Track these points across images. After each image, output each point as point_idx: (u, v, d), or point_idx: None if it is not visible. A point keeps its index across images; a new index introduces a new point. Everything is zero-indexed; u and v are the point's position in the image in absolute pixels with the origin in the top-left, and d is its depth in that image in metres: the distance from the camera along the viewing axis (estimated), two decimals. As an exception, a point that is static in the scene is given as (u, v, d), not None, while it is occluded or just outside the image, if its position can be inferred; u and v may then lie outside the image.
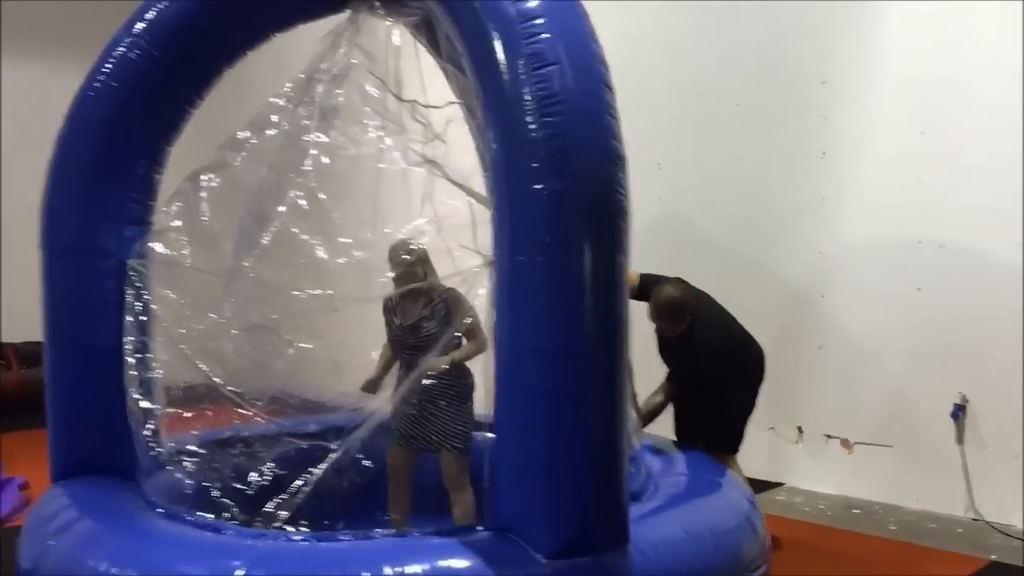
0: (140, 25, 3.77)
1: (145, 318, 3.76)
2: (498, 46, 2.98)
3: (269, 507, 3.27)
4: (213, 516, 3.32)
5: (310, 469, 3.35)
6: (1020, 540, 4.75)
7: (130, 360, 3.72)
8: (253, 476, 3.53)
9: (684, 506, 3.47)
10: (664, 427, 4.60)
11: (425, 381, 3.87)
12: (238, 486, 3.48)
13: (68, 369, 3.88)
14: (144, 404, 3.64)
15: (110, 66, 3.79)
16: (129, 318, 3.76)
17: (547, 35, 2.95)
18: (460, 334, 3.93)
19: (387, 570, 2.81)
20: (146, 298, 3.74)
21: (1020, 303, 4.88)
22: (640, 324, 3.86)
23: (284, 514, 3.24)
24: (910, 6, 5.24)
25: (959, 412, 5.13)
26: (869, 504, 5.38)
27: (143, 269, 3.78)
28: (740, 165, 5.88)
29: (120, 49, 3.79)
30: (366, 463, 3.57)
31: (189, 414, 3.70)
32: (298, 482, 3.33)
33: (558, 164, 2.87)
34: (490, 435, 3.10)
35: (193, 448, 3.67)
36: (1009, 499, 4.97)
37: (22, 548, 3.52)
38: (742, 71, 5.82)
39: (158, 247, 3.80)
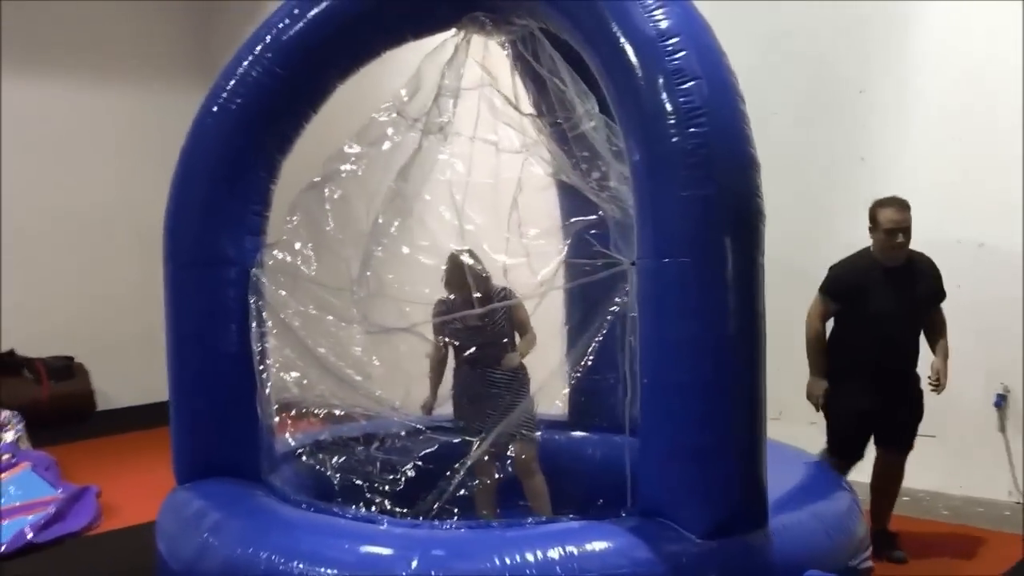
0: (263, 45, 3.96)
1: (269, 323, 3.93)
2: (641, 64, 3.21)
3: (426, 499, 3.45)
4: (362, 509, 3.50)
5: (460, 462, 3.53)
6: (1068, 520, 5.06)
7: (260, 364, 3.89)
8: (400, 470, 3.70)
9: (800, 491, 3.71)
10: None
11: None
12: (385, 480, 3.65)
13: (192, 375, 4.04)
14: (275, 406, 3.81)
15: (233, 83, 3.97)
16: (255, 324, 3.93)
17: (685, 52, 3.18)
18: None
19: (555, 553, 3.02)
20: (269, 304, 3.91)
21: (1061, 297, 5.21)
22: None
23: (438, 505, 3.43)
24: (942, 21, 5.56)
25: (1001, 401, 5.44)
26: (915, 492, 5.65)
27: (265, 278, 3.96)
28: (781, 170, 6.13)
29: (243, 67, 3.97)
30: (508, 457, 3.77)
31: (320, 412, 3.85)
32: (449, 474, 3.51)
33: (705, 171, 3.10)
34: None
35: (332, 445, 3.84)
36: (1053, 482, 5.29)
37: (167, 547, 3.67)
38: (783, 81, 6.10)
39: (281, 256, 3.97)
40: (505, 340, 4.03)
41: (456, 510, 3.51)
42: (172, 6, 9.65)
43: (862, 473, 4.84)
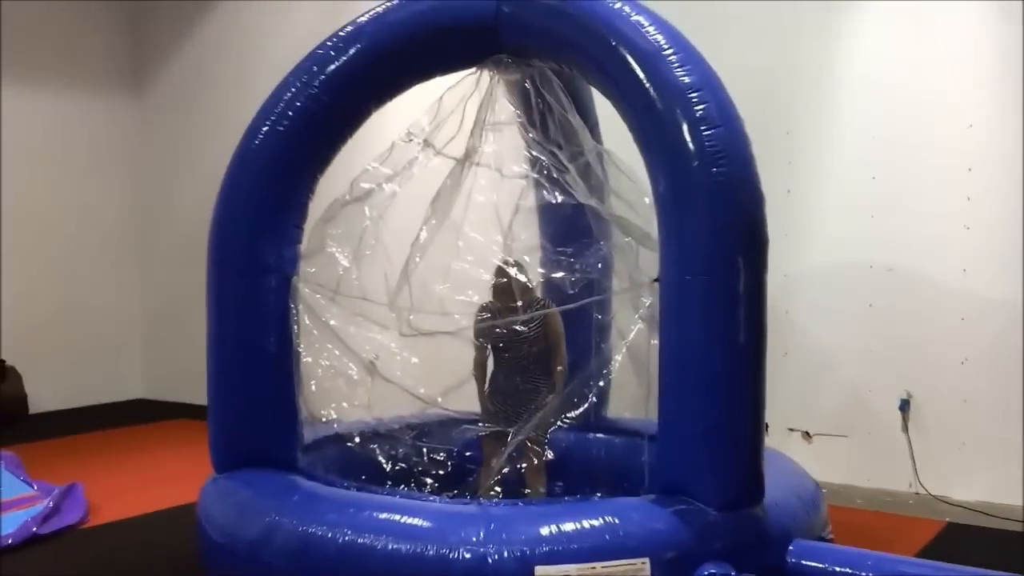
0: (309, 75, 4.37)
1: (310, 325, 4.33)
2: (670, 112, 3.81)
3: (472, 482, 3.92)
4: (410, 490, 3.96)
5: (502, 449, 4.03)
6: (961, 507, 5.92)
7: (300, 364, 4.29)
8: (445, 459, 4.16)
9: (778, 477, 4.36)
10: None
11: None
12: (432, 466, 4.11)
13: (233, 373, 4.39)
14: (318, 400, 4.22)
15: (281, 107, 4.36)
16: (296, 327, 4.32)
17: (708, 103, 3.80)
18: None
19: (598, 522, 3.57)
20: (311, 309, 4.31)
21: (957, 316, 6.08)
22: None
23: (491, 485, 3.92)
24: (863, 72, 6.40)
25: (905, 406, 6.30)
26: (829, 484, 6.44)
27: (305, 285, 4.36)
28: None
29: (290, 93, 4.37)
30: (539, 447, 4.29)
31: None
32: (496, 460, 4.00)
33: (724, 204, 3.73)
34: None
35: (378, 435, 4.27)
36: (948, 476, 6.15)
37: (224, 530, 4.02)
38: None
39: (321, 268, 4.38)
40: (541, 346, 4.52)
41: (500, 491, 4.00)
42: (100, 13, 9.72)
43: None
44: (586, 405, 4.18)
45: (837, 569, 3.73)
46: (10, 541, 5.00)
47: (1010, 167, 5.86)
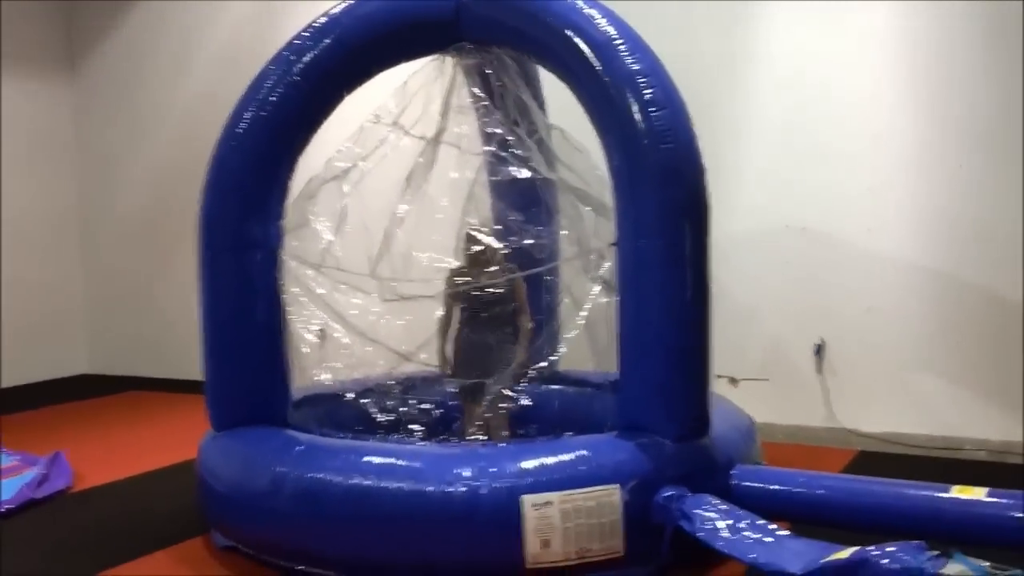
0: (287, 64, 4.73)
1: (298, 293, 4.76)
2: (622, 96, 4.31)
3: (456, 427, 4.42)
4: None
5: (479, 397, 4.53)
6: (870, 438, 6.67)
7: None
8: (429, 409, 4.66)
9: (717, 412, 4.96)
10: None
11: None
12: (422, 412, 4.60)
13: (227, 341, 4.78)
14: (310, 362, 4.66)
15: (262, 95, 4.72)
16: (284, 297, 4.73)
17: (655, 88, 4.31)
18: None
19: (572, 456, 4.11)
20: (298, 279, 4.73)
21: (863, 271, 6.79)
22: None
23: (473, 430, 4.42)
24: (775, 54, 7.02)
25: (819, 351, 7.01)
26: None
27: (290, 258, 4.77)
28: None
29: (270, 82, 4.73)
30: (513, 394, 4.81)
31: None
32: (477, 408, 4.50)
33: (673, 177, 4.26)
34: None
35: (367, 391, 4.73)
36: (858, 411, 6.88)
37: (231, 480, 4.44)
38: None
39: (306, 242, 4.79)
40: (509, 305, 5.01)
41: (481, 435, 4.50)
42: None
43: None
44: (554, 357, 4.68)
45: (773, 487, 4.36)
46: (11, 506, 5.31)
47: (908, 136, 6.58)
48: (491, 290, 4.86)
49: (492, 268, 4.95)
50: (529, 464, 4.04)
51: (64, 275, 10.12)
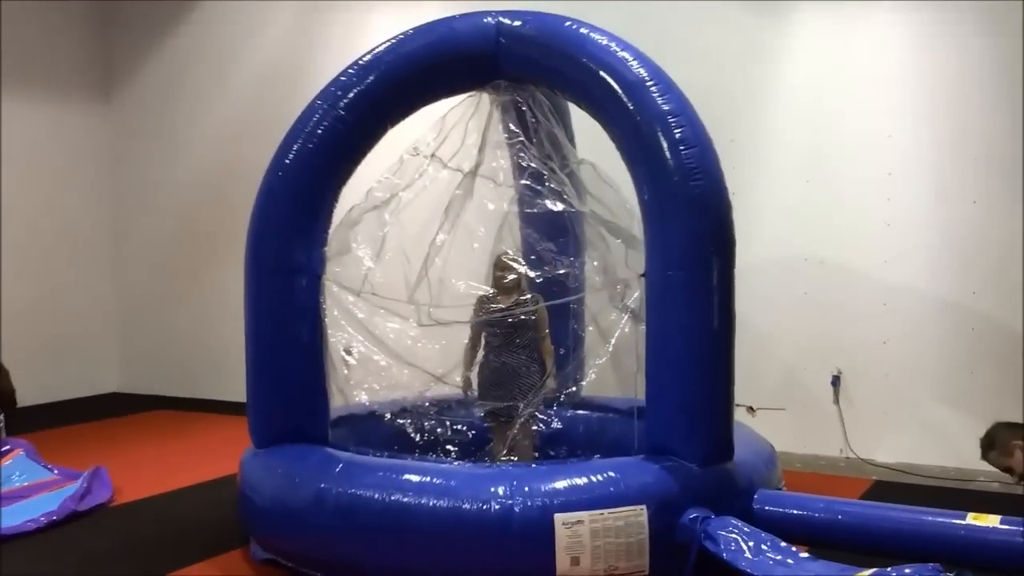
0: (334, 98, 4.97)
1: (338, 317, 4.97)
2: (655, 133, 4.52)
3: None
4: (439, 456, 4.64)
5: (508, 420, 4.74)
6: (885, 468, 6.82)
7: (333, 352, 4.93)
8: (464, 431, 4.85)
9: (739, 439, 5.13)
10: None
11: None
12: (456, 433, 4.80)
13: (271, 361, 4.98)
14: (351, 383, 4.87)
15: (310, 127, 4.96)
16: (326, 319, 4.95)
17: (686, 126, 4.53)
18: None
19: (601, 476, 4.29)
20: (340, 304, 4.95)
21: (880, 302, 6.97)
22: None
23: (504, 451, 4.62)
24: (795, 89, 7.25)
25: (836, 381, 7.18)
26: (770, 453, 7.31)
27: (332, 283, 4.99)
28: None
29: (317, 115, 4.97)
30: (543, 417, 5.00)
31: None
32: (508, 431, 4.70)
33: (701, 211, 4.47)
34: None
35: (406, 411, 4.94)
36: (873, 441, 7.05)
37: (273, 496, 4.63)
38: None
39: (347, 267, 5.01)
40: (532, 333, 5.22)
41: (513, 457, 4.70)
42: (72, 21, 10.08)
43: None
44: (583, 383, 4.87)
45: (794, 511, 4.53)
46: (55, 518, 5.51)
47: (923, 172, 6.78)
48: (524, 316, 5.06)
49: (524, 297, 5.16)
50: (560, 484, 4.23)
51: (96, 295, 10.37)
